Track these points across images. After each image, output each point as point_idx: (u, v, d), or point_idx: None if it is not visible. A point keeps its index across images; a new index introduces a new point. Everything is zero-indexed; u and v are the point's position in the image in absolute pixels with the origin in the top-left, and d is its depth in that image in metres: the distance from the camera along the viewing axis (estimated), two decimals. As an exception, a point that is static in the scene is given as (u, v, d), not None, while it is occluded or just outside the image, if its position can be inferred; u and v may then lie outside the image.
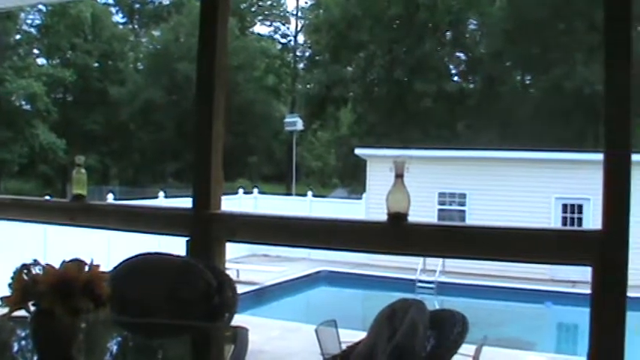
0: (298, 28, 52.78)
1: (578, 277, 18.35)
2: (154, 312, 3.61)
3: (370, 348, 3.22)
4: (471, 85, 44.67)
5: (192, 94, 4.44)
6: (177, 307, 3.63)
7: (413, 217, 3.48)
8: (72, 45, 42.41)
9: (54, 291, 2.55)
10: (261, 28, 53.76)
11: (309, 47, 50.61)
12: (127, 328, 3.54)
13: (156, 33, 48.58)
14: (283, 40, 54.00)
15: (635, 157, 2.75)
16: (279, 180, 45.67)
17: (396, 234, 3.42)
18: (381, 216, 3.51)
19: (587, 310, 2.93)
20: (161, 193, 22.30)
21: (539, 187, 22.67)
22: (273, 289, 19.62)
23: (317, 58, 47.50)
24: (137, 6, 51.59)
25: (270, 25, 53.65)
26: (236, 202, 24.42)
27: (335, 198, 33.45)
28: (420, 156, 23.10)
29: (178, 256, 3.98)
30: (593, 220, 20.57)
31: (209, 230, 4.15)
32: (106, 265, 2.94)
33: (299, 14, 52.92)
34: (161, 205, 17.85)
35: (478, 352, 8.52)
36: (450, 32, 43.87)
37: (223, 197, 4.45)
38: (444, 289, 20.43)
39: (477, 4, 42.35)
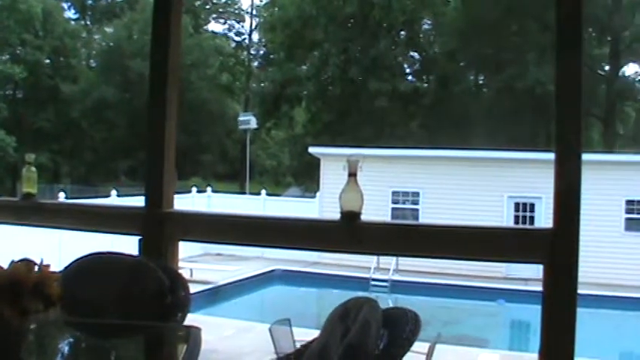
0: (253, 27, 52.70)
1: (531, 274, 18.59)
2: (105, 312, 3.57)
3: (323, 346, 3.22)
4: (425, 85, 44.96)
5: (145, 92, 4.39)
6: (129, 307, 3.59)
7: (366, 216, 3.48)
8: (22, 41, 41.70)
9: (2, 292, 2.51)
10: (215, 26, 53.50)
11: (264, 45, 50.58)
12: (79, 329, 3.50)
13: (109, 29, 48.02)
14: (238, 39, 53.82)
15: (585, 157, 2.78)
16: (232, 179, 45.53)
17: (349, 233, 3.42)
18: (335, 215, 3.51)
19: (539, 308, 2.96)
20: (113, 192, 22.08)
21: (491, 185, 22.91)
22: (226, 289, 19.54)
23: (271, 56, 47.47)
24: (89, 2, 51.00)
25: (224, 23, 53.44)
26: (189, 201, 24.31)
27: (289, 197, 33.46)
28: (374, 155, 23.20)
29: (130, 256, 3.95)
30: (545, 218, 20.84)
31: (162, 229, 4.12)
32: (57, 265, 2.90)
33: (254, 12, 52.85)
34: (113, 204, 17.69)
35: (432, 349, 8.59)
36: (404, 32, 44.10)
37: (176, 196, 4.42)
38: (397, 287, 20.52)
39: (431, 4, 42.65)
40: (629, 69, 45.47)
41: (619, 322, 19.17)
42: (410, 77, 44.82)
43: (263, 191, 27.23)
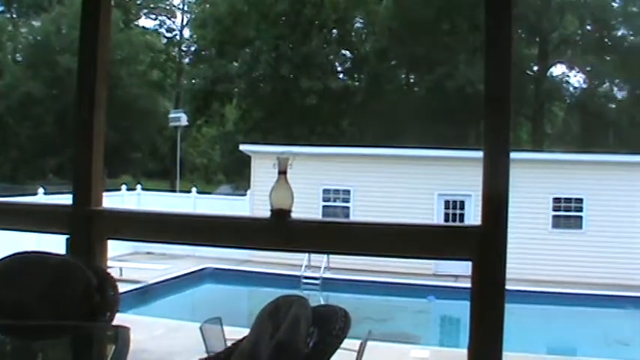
0: (184, 23, 52.17)
1: (460, 271, 18.82)
2: (31, 313, 3.49)
3: (253, 344, 3.20)
4: (357, 83, 45.16)
5: (73, 88, 4.30)
6: (56, 308, 3.52)
7: (297, 214, 3.48)
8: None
9: None
10: (146, 22, 52.82)
11: (195, 42, 50.11)
12: (4, 331, 3.42)
13: (36, 23, 46.97)
14: (169, 35, 53.22)
15: (514, 155, 2.82)
16: (163, 176, 45.05)
17: (279, 230, 3.41)
18: (266, 212, 3.50)
19: (468, 304, 2.99)
20: (40, 190, 21.65)
21: (422, 183, 23.15)
22: (157, 288, 19.37)
23: (203, 53, 47.10)
24: (16, -6, 49.91)
25: (155, 19, 52.78)
26: (119, 199, 24.01)
27: (220, 195, 33.29)
28: (305, 153, 23.24)
29: (57, 255, 3.87)
30: (474, 215, 21.13)
31: (90, 228, 4.05)
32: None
33: (185, 8, 52.32)
34: (39, 202, 17.36)
35: (363, 346, 8.64)
36: (336, 30, 44.24)
37: (106, 194, 4.35)
38: (328, 284, 20.59)
39: (363, 2, 42.87)
40: (557, 69, 46.41)
41: (546, 316, 19.54)
42: (341, 75, 44.98)
43: (194, 189, 27.05)
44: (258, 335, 3.21)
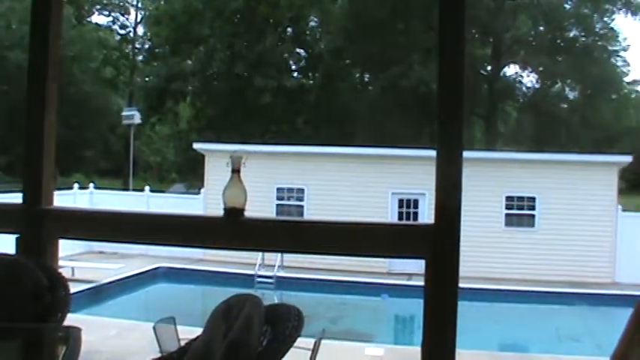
0: (138, 20, 51.71)
1: (414, 269, 18.93)
2: (-21, 314, 3.43)
3: (206, 344, 3.19)
4: (311, 82, 45.19)
5: (24, 85, 4.23)
6: (5, 309, 3.47)
7: (251, 213, 3.46)
8: None
9: None
10: (99, 18, 52.24)
11: (149, 39, 49.70)
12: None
13: (-16, 18, 46.26)
14: (122, 31, 52.69)
15: (467, 154, 2.84)
16: (116, 175, 44.63)
17: (232, 229, 3.40)
18: (220, 211, 3.48)
19: (422, 302, 3.00)
20: (-10, 188, 21.33)
21: (376, 182, 23.23)
22: (109, 287, 19.18)
23: (157, 50, 46.72)
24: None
25: (108, 15, 52.21)
26: (71, 198, 23.72)
27: (173, 193, 33.05)
28: (259, 151, 23.20)
29: (6, 255, 3.81)
30: (428, 214, 21.27)
31: (40, 227, 3.99)
32: None
33: (139, 5, 51.85)
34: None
35: (317, 345, 8.61)
36: (290, 28, 44.24)
37: (57, 193, 4.29)
38: (283, 283, 20.57)
39: (317, 1, 42.88)
40: (510, 69, 46.95)
41: (498, 314, 19.73)
42: (296, 74, 44.98)
43: (147, 188, 26.82)
44: (211, 334, 3.19)
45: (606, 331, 14.40)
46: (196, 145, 26.57)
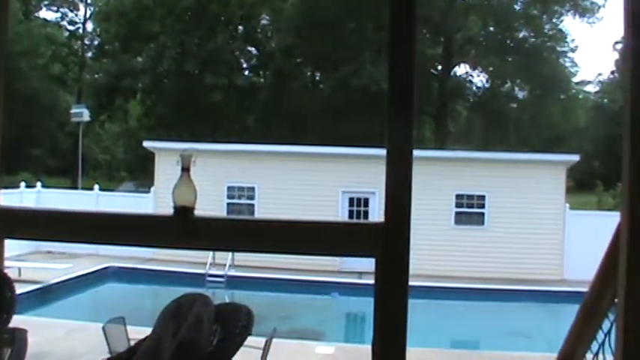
0: (87, 16, 51.05)
1: (365, 268, 19.00)
2: None
3: (156, 343, 3.16)
4: (262, 80, 45.13)
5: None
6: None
7: (201, 211, 3.44)
8: None
9: None
10: (47, 14, 51.46)
11: (98, 36, 49.13)
12: None
13: None
14: (71, 27, 51.95)
15: (417, 153, 2.85)
16: (64, 174, 44.03)
17: (182, 228, 3.36)
18: (170, 210, 3.45)
19: (372, 300, 3.01)
20: None
21: (327, 181, 23.27)
22: (58, 288, 18.92)
23: (106, 47, 46.24)
24: None
25: (57, 11, 51.43)
26: (17, 197, 23.36)
27: (123, 192, 32.72)
28: (209, 149, 23.10)
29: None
30: (378, 212, 21.34)
31: (-15, 226, 3.92)
32: None
33: (88, 1, 51.17)
34: None
35: (268, 344, 8.60)
36: (242, 26, 44.11)
37: (3, 192, 4.22)
38: (234, 282, 20.50)
39: (269, -1, 42.85)
40: (461, 69, 47.40)
41: (449, 311, 19.89)
42: (247, 72, 44.87)
43: (96, 186, 26.52)
44: (160, 334, 3.16)
45: (555, 327, 14.64)
46: (146, 144, 26.35)
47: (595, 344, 4.34)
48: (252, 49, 45.48)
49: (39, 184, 26.76)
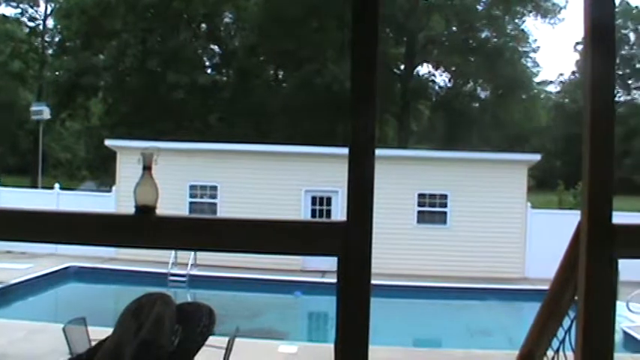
0: (48, 12, 50.45)
1: (328, 267, 19.01)
2: None
3: (116, 344, 3.13)
4: (225, 78, 45.01)
5: None
6: None
7: (163, 210, 3.42)
8: None
9: None
10: (6, 10, 50.68)
11: (59, 32, 48.59)
12: None
13: None
14: (31, 24, 51.19)
15: (380, 152, 2.85)
16: (24, 172, 43.48)
17: (143, 227, 3.34)
18: (132, 209, 3.43)
19: (335, 299, 3.01)
20: None
21: (289, 180, 23.26)
22: (17, 288, 18.68)
23: (67, 44, 45.77)
24: None
25: (16, 7, 50.63)
26: (-25, 196, 23.10)
27: (84, 191, 32.44)
28: (171, 148, 22.99)
29: None
30: (341, 211, 21.39)
31: (-59, 226, 3.85)
32: None
33: (49, -3, 50.62)
34: None
35: (231, 343, 8.57)
36: (204, 24, 43.95)
37: (-41, 190, 4.17)
38: (196, 282, 20.40)
39: (232, -3, 42.75)
40: (424, 69, 47.66)
41: (411, 310, 19.97)
42: (209, 70, 44.72)
43: (57, 185, 26.26)
44: (121, 334, 3.14)
45: (517, 325, 14.75)
46: (108, 142, 26.14)
47: (556, 341, 4.39)
48: (215, 48, 45.35)
49: (-3, 183, 26.47)
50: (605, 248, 2.81)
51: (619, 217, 2.76)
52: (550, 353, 4.50)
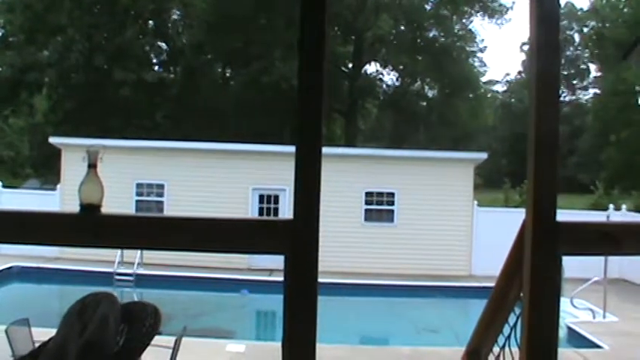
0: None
1: (275, 265, 18.98)
2: None
3: (60, 345, 3.09)
4: (172, 76, 44.71)
5: None
6: None
7: (110, 209, 3.38)
8: None
9: None
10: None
11: (2, 27, 47.75)
12: None
13: None
14: (-29, 19, 50.43)
15: (327, 150, 2.86)
16: (-35, 170, 42.75)
17: (88, 226, 3.30)
18: (77, 208, 3.38)
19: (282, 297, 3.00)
20: None
21: (237, 178, 23.20)
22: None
23: (10, 39, 44.98)
24: None
25: (-43, 2, 49.88)
26: None
27: (28, 189, 31.91)
28: (118, 146, 22.78)
29: None
30: (289, 209, 21.35)
31: None
32: None
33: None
34: None
35: (178, 343, 8.51)
36: (152, 21, 43.55)
37: None
38: (143, 281, 20.23)
39: (180, -6, 42.46)
40: (372, 67, 47.85)
41: (359, 308, 20.05)
42: (157, 67, 44.36)
43: (-1, 183, 25.84)
44: (65, 335, 3.10)
45: (463, 322, 14.91)
46: (53, 139, 25.77)
47: (502, 337, 4.44)
48: (163, 45, 44.99)
49: None
50: (549, 246, 2.85)
51: (563, 215, 2.80)
52: (496, 349, 4.55)
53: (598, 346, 13.51)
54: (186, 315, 16.07)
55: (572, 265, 4.01)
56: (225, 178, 23.17)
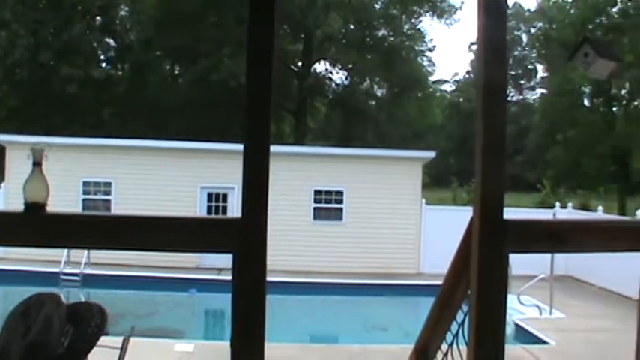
0: None
1: (224, 264, 18.91)
2: None
3: (3, 347, 3.03)
4: (120, 73, 44.25)
5: None
6: None
7: (56, 208, 3.33)
8: None
9: None
10: None
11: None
12: None
13: None
14: None
15: (276, 148, 2.85)
16: None
17: (33, 225, 3.25)
18: (21, 207, 3.33)
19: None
20: None
21: (185, 176, 23.06)
22: None
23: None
24: None
25: None
26: None
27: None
28: (64, 143, 22.44)
29: None
30: (237, 208, 21.29)
31: None
32: None
33: None
34: None
35: (126, 343, 8.42)
36: (100, 17, 43.02)
37: None
38: (90, 281, 19.97)
39: (127, -10, 42.06)
40: (321, 66, 47.88)
41: (308, 306, 20.08)
42: (104, 64, 43.86)
43: (-60, 182, 25.30)
44: (8, 337, 3.04)
45: (412, 320, 15.01)
46: (-4, 137, 25.35)
47: (450, 335, 4.47)
48: (111, 41, 44.48)
49: None
50: (496, 243, 2.88)
51: (510, 213, 2.83)
52: (444, 347, 4.59)
53: (545, 342, 13.68)
54: (135, 314, 15.93)
55: (519, 263, 4.06)
56: (174, 177, 23.02)
